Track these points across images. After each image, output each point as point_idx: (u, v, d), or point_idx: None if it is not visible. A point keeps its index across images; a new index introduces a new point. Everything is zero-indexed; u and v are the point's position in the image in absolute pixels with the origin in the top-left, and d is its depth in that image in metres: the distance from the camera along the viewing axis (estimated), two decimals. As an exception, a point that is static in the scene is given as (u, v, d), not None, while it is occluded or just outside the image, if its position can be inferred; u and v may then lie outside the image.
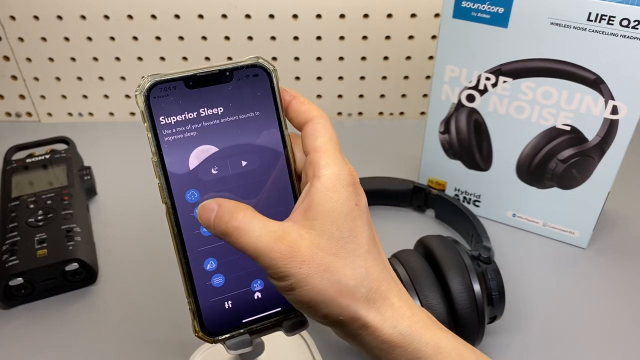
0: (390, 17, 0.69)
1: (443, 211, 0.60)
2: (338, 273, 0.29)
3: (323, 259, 0.29)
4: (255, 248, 0.28)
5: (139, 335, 0.48)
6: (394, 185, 0.61)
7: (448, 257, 0.43)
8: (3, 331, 0.48)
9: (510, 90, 0.53)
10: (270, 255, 0.28)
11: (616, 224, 0.60)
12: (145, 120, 0.29)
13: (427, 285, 0.41)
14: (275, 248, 0.28)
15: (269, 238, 0.28)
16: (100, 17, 0.68)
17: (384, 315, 0.30)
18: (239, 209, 0.29)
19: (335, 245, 0.29)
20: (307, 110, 0.32)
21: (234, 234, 0.28)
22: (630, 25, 0.45)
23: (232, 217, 0.28)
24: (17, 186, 0.58)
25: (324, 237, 0.29)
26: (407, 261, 0.43)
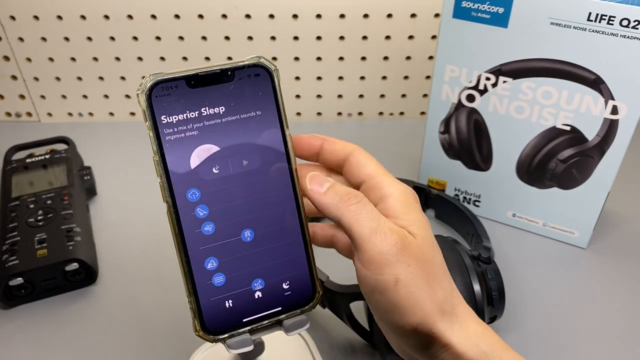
0: (390, 17, 0.69)
1: (443, 211, 0.60)
2: (434, 282, 0.29)
3: (425, 264, 0.29)
4: (366, 234, 0.28)
5: (139, 334, 0.48)
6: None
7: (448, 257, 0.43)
8: (3, 331, 0.48)
9: (510, 90, 0.53)
10: (381, 244, 0.28)
11: (616, 224, 0.60)
12: (147, 119, 0.29)
13: None
14: (390, 239, 0.28)
15: (385, 227, 0.28)
16: (100, 17, 0.68)
17: (467, 332, 0.29)
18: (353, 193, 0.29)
19: (431, 254, 0.29)
20: (342, 147, 0.32)
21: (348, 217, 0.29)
22: (630, 25, 0.45)
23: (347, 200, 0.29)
24: (17, 186, 0.58)
25: (425, 242, 0.29)
26: None
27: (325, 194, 0.30)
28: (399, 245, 0.28)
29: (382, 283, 0.28)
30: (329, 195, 0.30)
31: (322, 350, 0.44)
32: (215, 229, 0.31)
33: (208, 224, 0.31)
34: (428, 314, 0.28)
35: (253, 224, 0.32)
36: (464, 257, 0.43)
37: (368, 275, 0.29)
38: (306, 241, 0.33)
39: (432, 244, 0.30)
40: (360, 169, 0.32)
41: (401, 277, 0.28)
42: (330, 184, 0.31)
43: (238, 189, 0.31)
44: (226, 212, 0.31)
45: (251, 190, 0.32)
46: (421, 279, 0.28)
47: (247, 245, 0.32)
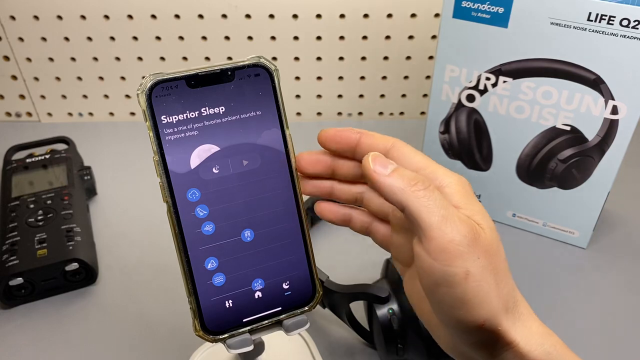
0: (390, 17, 0.69)
1: None
2: (499, 277, 0.27)
3: (493, 257, 0.27)
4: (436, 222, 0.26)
5: (139, 334, 0.48)
6: None
7: None
8: (3, 331, 0.48)
9: (510, 90, 0.53)
10: (452, 233, 0.26)
11: (616, 224, 0.60)
12: (147, 119, 0.29)
13: None
14: (462, 228, 0.26)
15: (455, 216, 0.27)
16: (100, 17, 0.68)
17: (530, 331, 0.28)
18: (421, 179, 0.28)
19: (497, 247, 0.28)
20: (382, 140, 0.31)
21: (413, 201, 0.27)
22: (630, 25, 0.45)
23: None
24: (17, 186, 0.58)
25: (492, 235, 0.28)
26: None
27: (390, 176, 0.28)
28: (469, 236, 0.26)
29: (451, 275, 0.26)
30: (395, 178, 0.28)
31: (322, 350, 0.44)
32: (215, 229, 0.31)
33: (208, 224, 0.31)
34: (495, 311, 0.27)
35: (253, 224, 0.32)
36: None
37: (435, 267, 0.26)
38: (306, 241, 0.33)
39: (497, 236, 0.29)
40: (407, 160, 0.29)
41: (472, 270, 0.26)
42: (394, 166, 0.28)
43: (238, 189, 0.31)
44: (226, 212, 0.31)
45: (251, 190, 0.32)
46: (489, 274, 0.27)
47: (247, 245, 0.32)
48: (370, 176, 0.28)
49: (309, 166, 0.33)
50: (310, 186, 0.34)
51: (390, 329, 0.41)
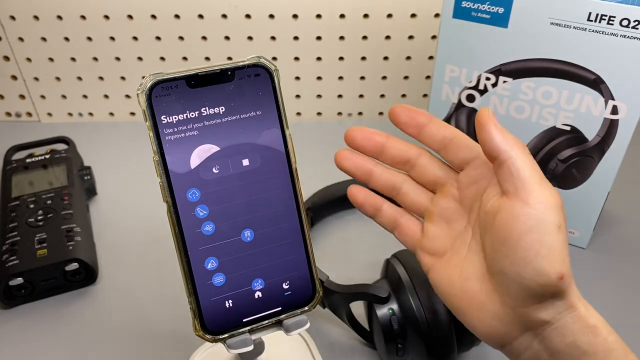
0: (390, 17, 0.69)
1: None
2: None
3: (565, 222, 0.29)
4: (538, 177, 0.29)
5: (139, 335, 0.48)
6: None
7: None
8: (3, 331, 0.48)
9: (510, 90, 0.53)
10: (550, 189, 0.29)
11: (616, 224, 0.60)
12: (147, 119, 0.29)
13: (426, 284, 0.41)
14: (553, 189, 0.29)
15: (548, 183, 0.29)
16: (100, 17, 0.68)
17: (582, 301, 0.29)
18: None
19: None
20: (449, 127, 0.33)
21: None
22: (630, 25, 0.45)
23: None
24: (17, 186, 0.58)
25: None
26: (407, 261, 0.43)
27: (503, 131, 0.30)
28: (560, 201, 0.29)
29: (544, 224, 0.28)
30: (507, 133, 0.30)
31: (322, 350, 0.44)
32: (215, 229, 0.31)
33: (208, 224, 0.31)
34: (570, 270, 0.29)
35: (253, 224, 0.32)
36: None
37: (532, 214, 0.28)
38: (306, 241, 0.33)
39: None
40: (467, 148, 0.32)
41: (562, 225, 0.28)
42: (497, 121, 0.31)
43: (238, 189, 0.31)
44: (226, 212, 0.31)
45: (251, 190, 0.32)
46: (566, 235, 0.29)
47: (247, 245, 0.32)
48: (486, 123, 0.30)
49: (361, 140, 0.34)
50: (350, 163, 0.34)
51: (390, 329, 0.41)
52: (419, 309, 0.40)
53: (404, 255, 0.44)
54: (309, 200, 0.57)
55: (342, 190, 0.59)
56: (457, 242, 0.33)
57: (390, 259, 0.45)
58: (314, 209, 0.57)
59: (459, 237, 0.33)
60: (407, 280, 0.41)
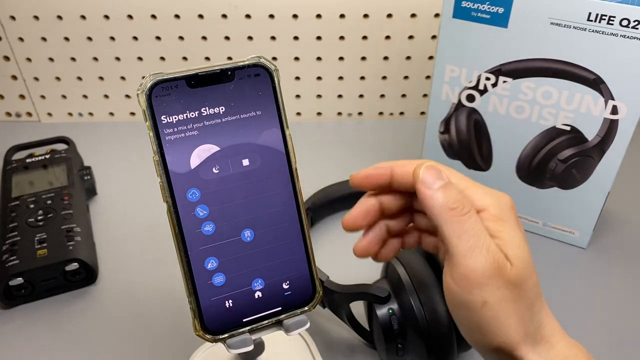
0: (390, 17, 0.69)
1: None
2: (522, 305, 0.29)
3: (517, 288, 0.28)
4: (463, 251, 0.28)
5: (139, 335, 0.48)
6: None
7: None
8: (3, 331, 0.48)
9: (510, 90, 0.53)
10: (475, 264, 0.28)
11: (616, 224, 0.60)
12: (147, 119, 0.29)
13: (427, 285, 0.41)
14: (485, 260, 0.28)
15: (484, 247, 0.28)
16: (100, 17, 0.68)
17: (550, 354, 0.29)
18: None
19: (525, 276, 0.29)
20: (414, 163, 0.31)
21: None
22: (630, 25, 0.45)
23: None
24: (17, 186, 0.58)
25: (520, 265, 0.29)
26: (407, 261, 0.43)
27: (436, 192, 0.28)
28: (492, 268, 0.27)
29: (468, 302, 0.28)
30: (439, 197, 0.28)
31: (322, 350, 0.44)
32: (215, 229, 0.31)
33: (208, 224, 0.31)
34: (511, 338, 0.28)
35: (253, 224, 0.32)
36: None
37: (456, 291, 0.28)
38: (306, 241, 0.33)
39: (527, 265, 0.29)
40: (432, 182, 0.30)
41: (489, 300, 0.27)
42: (443, 182, 0.29)
43: (238, 189, 0.31)
44: (226, 212, 0.31)
45: (251, 190, 0.32)
46: (509, 304, 0.28)
47: (247, 245, 0.32)
48: (416, 186, 0.29)
49: (359, 222, 0.34)
50: (365, 243, 0.35)
51: (390, 329, 0.41)
52: (419, 309, 0.40)
53: (405, 255, 0.44)
54: (309, 200, 0.57)
55: (342, 190, 0.59)
56: None
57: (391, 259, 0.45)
58: (314, 209, 0.57)
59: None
60: (407, 280, 0.41)
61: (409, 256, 0.44)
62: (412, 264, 0.43)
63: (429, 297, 0.40)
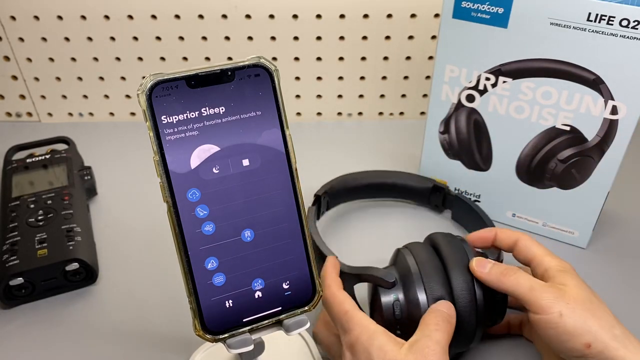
0: (390, 17, 0.69)
1: (460, 213, 0.59)
2: (597, 312, 0.37)
3: (584, 302, 0.37)
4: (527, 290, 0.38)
5: (140, 334, 0.48)
6: (413, 181, 0.61)
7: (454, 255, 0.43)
8: (3, 331, 0.48)
9: (510, 91, 0.53)
10: (541, 294, 0.38)
11: (616, 224, 0.60)
12: (147, 120, 0.29)
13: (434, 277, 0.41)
14: (547, 289, 0.38)
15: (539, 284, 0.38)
16: (100, 17, 0.68)
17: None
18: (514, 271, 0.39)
19: (587, 296, 0.38)
20: (511, 234, 0.44)
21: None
22: (630, 26, 0.45)
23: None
24: (17, 186, 0.58)
25: (579, 289, 0.38)
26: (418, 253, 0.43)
27: (489, 273, 0.40)
28: (555, 293, 0.37)
29: (550, 320, 0.36)
30: (492, 274, 0.40)
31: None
32: (216, 229, 0.31)
33: (208, 224, 0.31)
34: (599, 335, 0.36)
35: (253, 224, 0.32)
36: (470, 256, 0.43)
37: (540, 319, 0.37)
38: (306, 241, 0.33)
39: (588, 291, 0.39)
40: (527, 251, 0.42)
41: (563, 311, 0.36)
42: (491, 264, 0.40)
43: (238, 189, 0.31)
44: (226, 212, 0.31)
45: (251, 190, 0.32)
46: (583, 312, 0.36)
47: (247, 245, 0.32)
48: (476, 274, 0.41)
49: (478, 243, 0.46)
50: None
51: (392, 315, 0.41)
52: (424, 301, 0.40)
53: (415, 246, 0.44)
54: (327, 185, 0.57)
55: (360, 179, 0.59)
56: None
57: (402, 248, 0.44)
58: (330, 194, 0.57)
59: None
60: (416, 271, 0.41)
61: (418, 247, 0.44)
62: (422, 256, 0.42)
63: (435, 291, 0.40)
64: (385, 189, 0.61)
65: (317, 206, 0.55)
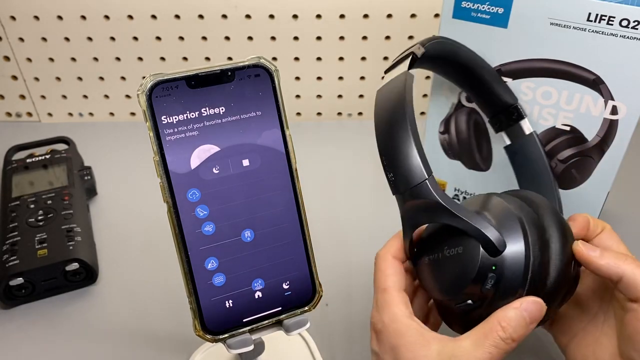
0: (390, 17, 0.69)
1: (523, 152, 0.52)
2: None
3: None
4: None
5: (139, 335, 0.48)
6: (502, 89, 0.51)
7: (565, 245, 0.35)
8: (3, 331, 0.48)
9: (510, 91, 0.53)
10: None
11: (616, 224, 0.60)
12: (147, 120, 0.29)
13: (544, 270, 0.34)
14: None
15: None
16: (100, 17, 0.68)
17: None
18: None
19: None
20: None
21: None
22: (630, 26, 0.45)
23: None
24: (17, 186, 0.58)
25: None
26: (533, 228, 0.35)
27: (602, 257, 0.34)
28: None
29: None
30: (606, 257, 0.34)
31: (322, 351, 0.44)
32: (216, 229, 0.31)
33: (208, 224, 0.31)
34: None
35: (253, 224, 0.32)
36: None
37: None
38: (306, 241, 0.33)
39: None
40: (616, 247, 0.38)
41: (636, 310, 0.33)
42: (600, 249, 0.35)
43: (238, 189, 0.31)
44: (226, 212, 0.31)
45: (251, 190, 0.32)
46: None
47: (247, 245, 0.32)
48: (585, 258, 0.35)
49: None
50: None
51: (478, 286, 0.33)
52: (521, 291, 0.33)
53: (529, 214, 0.36)
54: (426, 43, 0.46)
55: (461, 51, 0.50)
56: (589, 325, 0.38)
57: (514, 210, 0.36)
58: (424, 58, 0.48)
59: (591, 321, 0.38)
60: (535, 253, 0.34)
61: (534, 219, 0.36)
62: (538, 232, 0.35)
63: (538, 284, 0.34)
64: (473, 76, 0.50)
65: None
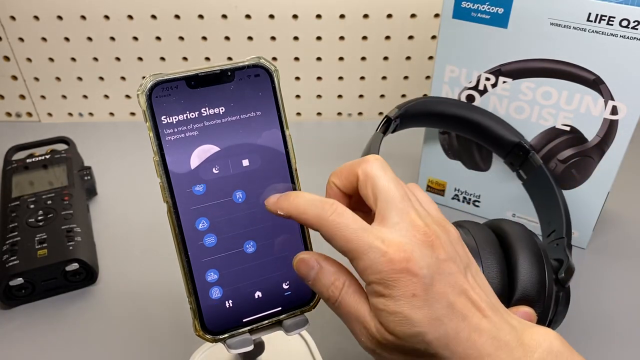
0: (390, 17, 0.69)
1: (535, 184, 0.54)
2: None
3: None
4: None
5: (139, 335, 0.48)
6: (500, 129, 0.54)
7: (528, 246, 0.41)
8: (3, 331, 0.48)
9: (510, 91, 0.53)
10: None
11: (616, 224, 0.60)
12: (147, 120, 0.29)
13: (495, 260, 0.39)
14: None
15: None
16: (100, 17, 0.68)
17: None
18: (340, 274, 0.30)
19: None
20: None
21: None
22: (630, 26, 0.45)
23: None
24: (17, 186, 0.58)
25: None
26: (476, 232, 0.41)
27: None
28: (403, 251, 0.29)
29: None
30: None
31: (322, 350, 0.44)
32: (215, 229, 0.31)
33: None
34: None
35: (253, 223, 0.32)
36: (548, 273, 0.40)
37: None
38: (306, 241, 0.33)
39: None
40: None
41: (419, 291, 0.29)
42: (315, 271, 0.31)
43: (238, 189, 0.31)
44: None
45: (251, 190, 0.32)
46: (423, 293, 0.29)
47: (247, 245, 0.32)
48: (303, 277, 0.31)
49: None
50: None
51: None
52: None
53: (471, 225, 0.42)
54: (402, 107, 0.52)
55: (440, 105, 0.54)
56: None
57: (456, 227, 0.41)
58: (404, 117, 0.53)
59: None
60: (474, 250, 0.39)
61: (476, 228, 0.42)
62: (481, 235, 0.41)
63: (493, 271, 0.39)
64: (465, 124, 0.54)
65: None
